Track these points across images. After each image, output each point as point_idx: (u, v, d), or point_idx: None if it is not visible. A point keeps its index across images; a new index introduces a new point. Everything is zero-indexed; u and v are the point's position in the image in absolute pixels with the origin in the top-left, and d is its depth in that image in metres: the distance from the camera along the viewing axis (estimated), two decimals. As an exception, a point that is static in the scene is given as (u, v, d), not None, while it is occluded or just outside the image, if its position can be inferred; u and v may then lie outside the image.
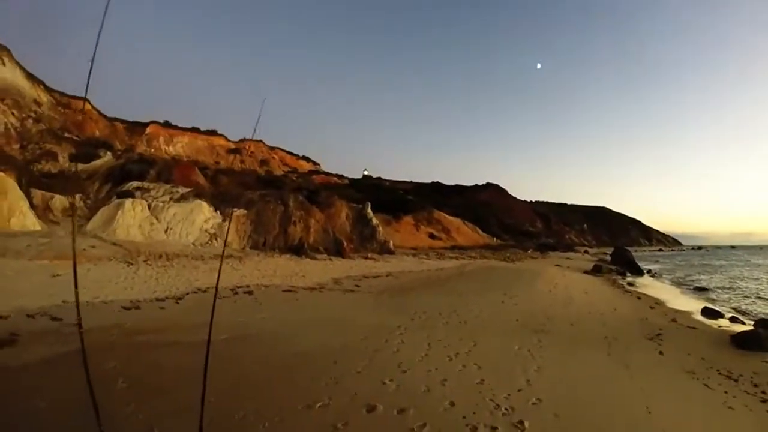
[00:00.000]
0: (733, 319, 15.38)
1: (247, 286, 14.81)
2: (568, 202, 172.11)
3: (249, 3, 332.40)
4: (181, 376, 5.80)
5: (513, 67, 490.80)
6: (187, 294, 12.81)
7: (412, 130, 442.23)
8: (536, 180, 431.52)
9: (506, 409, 5.18)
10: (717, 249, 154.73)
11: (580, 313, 13.71)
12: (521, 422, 4.78)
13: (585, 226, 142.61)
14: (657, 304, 18.25)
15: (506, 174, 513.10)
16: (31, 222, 22.70)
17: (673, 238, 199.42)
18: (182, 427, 4.10)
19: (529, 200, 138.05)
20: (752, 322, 14.29)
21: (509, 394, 5.68)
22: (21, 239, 18.83)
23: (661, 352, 9.58)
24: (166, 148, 61.82)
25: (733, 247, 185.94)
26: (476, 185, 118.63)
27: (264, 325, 9.56)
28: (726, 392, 7.22)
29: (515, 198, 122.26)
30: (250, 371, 6.20)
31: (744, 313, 17.06)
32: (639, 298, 19.90)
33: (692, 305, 18.54)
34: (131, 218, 25.15)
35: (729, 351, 10.54)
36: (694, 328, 13.20)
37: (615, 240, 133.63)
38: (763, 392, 7.37)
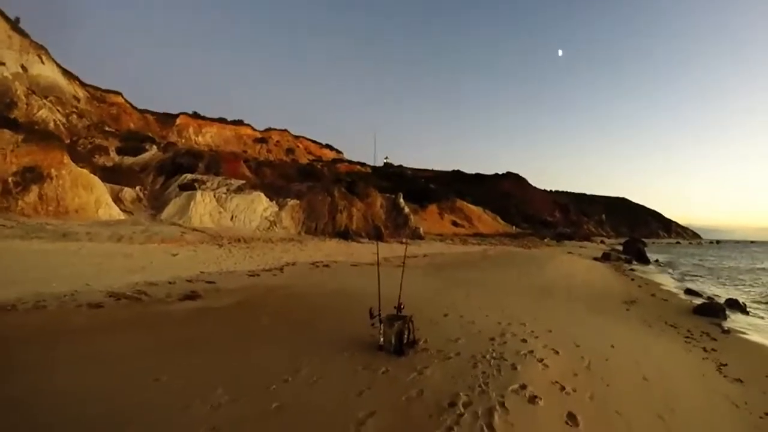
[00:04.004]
0: (708, 299, 17.50)
1: (321, 262, 19.19)
2: (588, 193, 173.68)
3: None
4: (325, 309, 10.03)
5: (534, 54, 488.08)
6: (284, 266, 17.14)
7: (431, 117, 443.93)
8: (556, 169, 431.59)
9: (515, 318, 9.42)
10: (736, 243, 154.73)
11: (576, 285, 17.91)
12: (524, 324, 8.98)
13: (603, 216, 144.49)
14: (646, 284, 21.87)
15: (526, 163, 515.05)
16: (116, 212, 26.31)
17: (692, 232, 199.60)
18: (345, 325, 8.10)
19: (548, 190, 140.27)
20: (723, 300, 16.87)
21: (519, 314, 9.93)
22: (121, 227, 22.50)
23: (627, 309, 13.67)
24: (196, 138, 64.98)
25: (752, 242, 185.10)
26: (496, 174, 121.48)
27: (351, 284, 13.77)
28: (662, 331, 11.14)
29: (534, 187, 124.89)
30: (357, 306, 9.69)
31: (722, 296, 19.08)
32: (632, 279, 23.57)
33: (679, 287, 21.64)
34: (203, 208, 29.48)
35: (685, 315, 13.90)
36: (666, 300, 16.78)
37: (634, 231, 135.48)
38: (691, 334, 11.03)
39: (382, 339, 6.52)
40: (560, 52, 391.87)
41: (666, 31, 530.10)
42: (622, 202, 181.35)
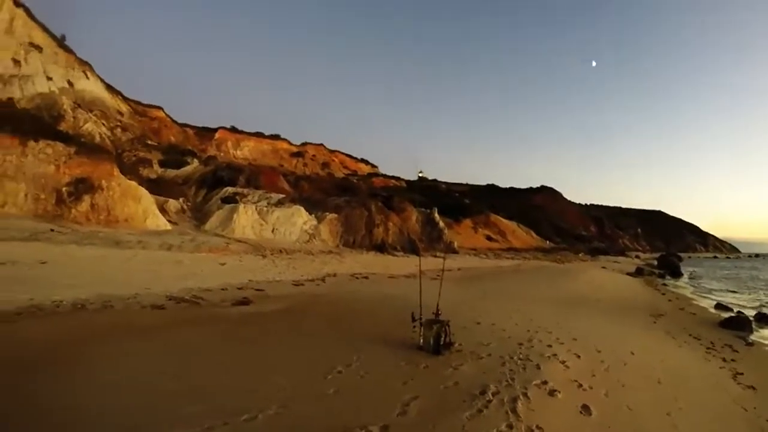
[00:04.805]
0: (739, 313, 16.75)
1: (360, 273, 20.19)
2: (623, 206, 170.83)
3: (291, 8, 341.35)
4: (367, 315, 10.98)
5: (568, 66, 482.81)
6: (325, 277, 18.21)
7: (465, 131, 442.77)
8: (591, 182, 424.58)
9: (543, 327, 10.19)
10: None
11: (605, 298, 18.44)
12: (550, 332, 9.78)
13: (639, 230, 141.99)
14: (677, 298, 22.09)
15: (560, 176, 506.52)
16: (163, 222, 27.57)
17: (730, 245, 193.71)
18: (387, 325, 9.08)
19: (582, 203, 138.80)
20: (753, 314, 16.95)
21: (547, 324, 10.68)
22: (169, 237, 23.84)
23: (654, 322, 14.15)
24: (234, 152, 65.39)
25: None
26: (530, 188, 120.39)
27: (389, 294, 14.62)
28: (685, 342, 11.64)
29: (569, 201, 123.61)
30: (396, 312, 9.89)
31: (753, 309, 19.17)
32: (663, 293, 23.78)
33: (709, 302, 21.56)
34: (245, 220, 30.82)
35: (711, 327, 14.31)
36: (694, 314, 17.10)
37: (670, 245, 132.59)
38: (713, 346, 11.49)
39: (421, 340, 7.49)
40: (594, 63, 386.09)
41: (700, 37, 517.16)
42: (658, 215, 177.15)
